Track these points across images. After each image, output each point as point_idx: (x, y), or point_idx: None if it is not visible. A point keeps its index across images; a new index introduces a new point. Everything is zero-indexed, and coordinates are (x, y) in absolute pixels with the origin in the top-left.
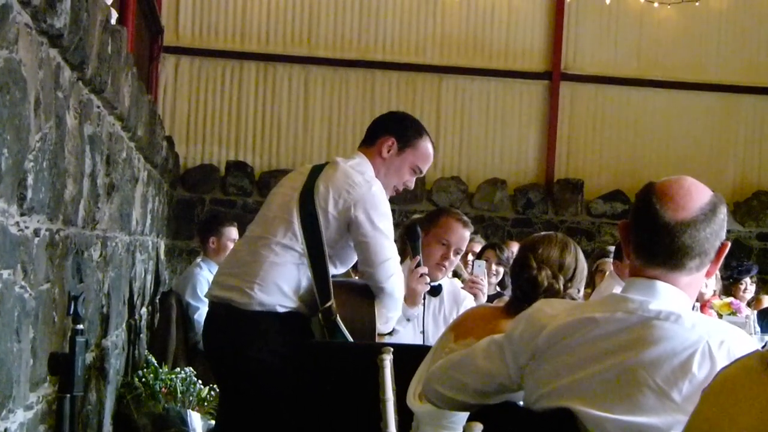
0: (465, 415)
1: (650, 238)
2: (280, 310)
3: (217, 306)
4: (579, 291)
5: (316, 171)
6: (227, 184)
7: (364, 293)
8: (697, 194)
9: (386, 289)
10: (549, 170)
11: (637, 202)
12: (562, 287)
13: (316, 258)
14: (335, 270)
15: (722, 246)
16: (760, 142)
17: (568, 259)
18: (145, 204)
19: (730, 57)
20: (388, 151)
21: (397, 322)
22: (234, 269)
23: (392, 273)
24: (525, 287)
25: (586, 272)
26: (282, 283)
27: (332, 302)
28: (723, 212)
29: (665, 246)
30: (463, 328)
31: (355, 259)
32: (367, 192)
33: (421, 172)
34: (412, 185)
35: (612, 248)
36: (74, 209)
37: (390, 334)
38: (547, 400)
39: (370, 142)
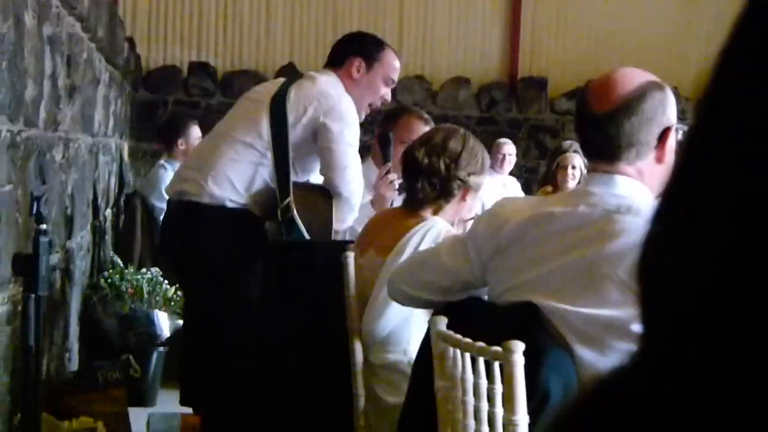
0: (408, 335)
1: (584, 133)
2: (229, 204)
3: (172, 203)
4: (471, 176)
5: (290, 81)
6: (190, 84)
7: (322, 192)
8: (621, 83)
9: (343, 194)
10: (513, 68)
11: (576, 101)
12: (443, 167)
13: (280, 157)
14: (295, 176)
15: (665, 131)
16: (724, 27)
17: (452, 143)
18: (107, 106)
19: None
20: (358, 72)
21: None
22: (193, 163)
23: (351, 180)
24: (407, 168)
25: (481, 160)
26: (234, 178)
27: (290, 199)
28: (656, 98)
29: (596, 139)
30: (364, 240)
31: (315, 168)
32: (337, 103)
33: (393, 82)
34: (389, 97)
35: (569, 143)
36: (35, 111)
37: None
38: (510, 294)
39: (337, 64)
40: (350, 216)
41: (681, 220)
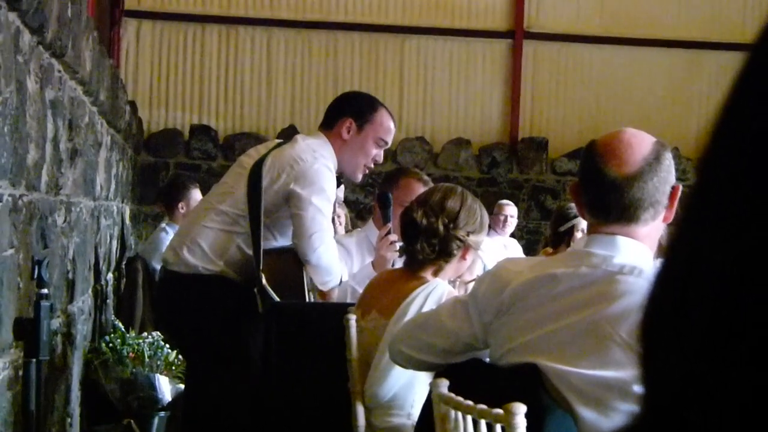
0: (412, 398)
1: (600, 197)
2: (204, 272)
3: (162, 271)
4: (470, 235)
5: (277, 146)
6: (191, 147)
7: (294, 255)
8: (638, 145)
9: (311, 261)
10: (513, 129)
11: (582, 163)
12: (441, 227)
13: (254, 226)
14: (275, 241)
15: (674, 190)
16: (724, 86)
17: (450, 203)
18: (109, 169)
19: (693, 13)
20: (348, 132)
21: None
22: (180, 230)
23: (317, 246)
24: (406, 229)
25: (480, 218)
26: (206, 245)
27: (261, 268)
28: (668, 158)
29: (616, 203)
30: (365, 303)
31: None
32: (309, 169)
33: (386, 143)
34: (381, 159)
35: (573, 205)
36: (37, 174)
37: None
38: (512, 356)
39: (329, 126)
40: (329, 278)
41: (682, 281)
